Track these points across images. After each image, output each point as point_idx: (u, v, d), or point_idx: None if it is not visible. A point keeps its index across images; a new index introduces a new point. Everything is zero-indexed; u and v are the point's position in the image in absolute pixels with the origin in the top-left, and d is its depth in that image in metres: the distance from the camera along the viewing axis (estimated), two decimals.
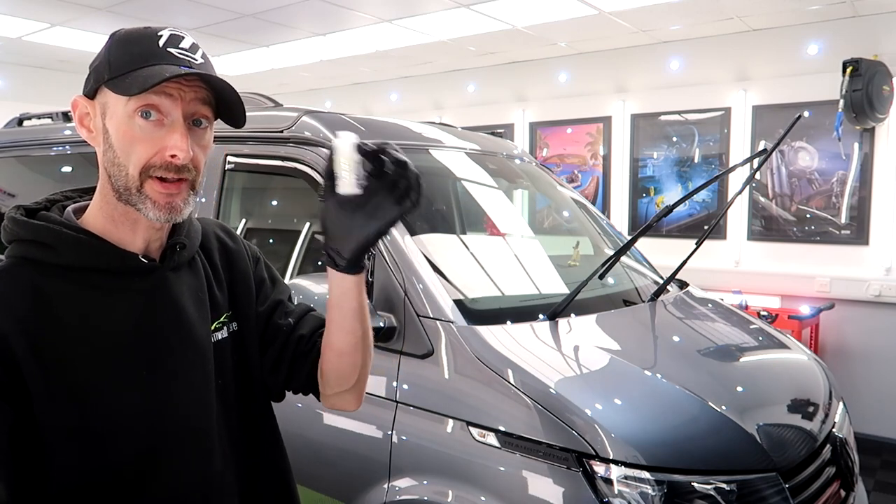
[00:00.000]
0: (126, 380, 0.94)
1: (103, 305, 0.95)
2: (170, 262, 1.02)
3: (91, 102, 0.97)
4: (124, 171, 0.93)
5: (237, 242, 1.19)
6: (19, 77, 6.77)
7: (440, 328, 1.90)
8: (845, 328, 4.77)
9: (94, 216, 0.98)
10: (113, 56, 0.94)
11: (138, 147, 0.92)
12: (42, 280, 0.92)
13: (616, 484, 1.61)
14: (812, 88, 4.73)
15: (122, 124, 0.92)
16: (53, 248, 0.94)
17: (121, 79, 0.92)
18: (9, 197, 3.66)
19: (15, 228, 0.96)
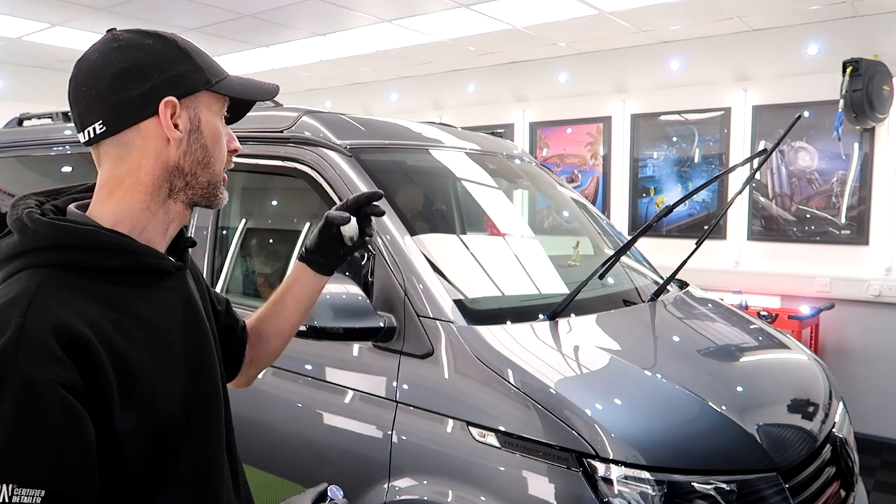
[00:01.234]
0: (172, 377, 0.97)
1: (150, 305, 0.96)
2: (187, 261, 1.08)
3: (179, 103, 0.97)
4: (211, 169, 1.01)
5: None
6: (19, 77, 6.77)
7: (440, 328, 1.90)
8: (845, 328, 4.77)
9: (128, 216, 0.97)
10: (204, 63, 1.01)
11: (222, 145, 1.03)
12: (90, 285, 0.90)
13: (616, 484, 1.61)
14: (812, 88, 4.73)
15: (214, 124, 1.01)
16: (98, 252, 0.91)
17: (224, 83, 1.02)
18: (9, 197, 3.66)
19: (48, 233, 0.90)
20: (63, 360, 0.80)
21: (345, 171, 2.19)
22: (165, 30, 1.02)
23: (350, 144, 2.28)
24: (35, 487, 0.76)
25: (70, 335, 0.82)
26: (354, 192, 2.15)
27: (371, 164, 2.26)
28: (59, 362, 0.80)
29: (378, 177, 2.23)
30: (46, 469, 0.77)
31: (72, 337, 0.82)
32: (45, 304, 0.83)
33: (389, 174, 2.38)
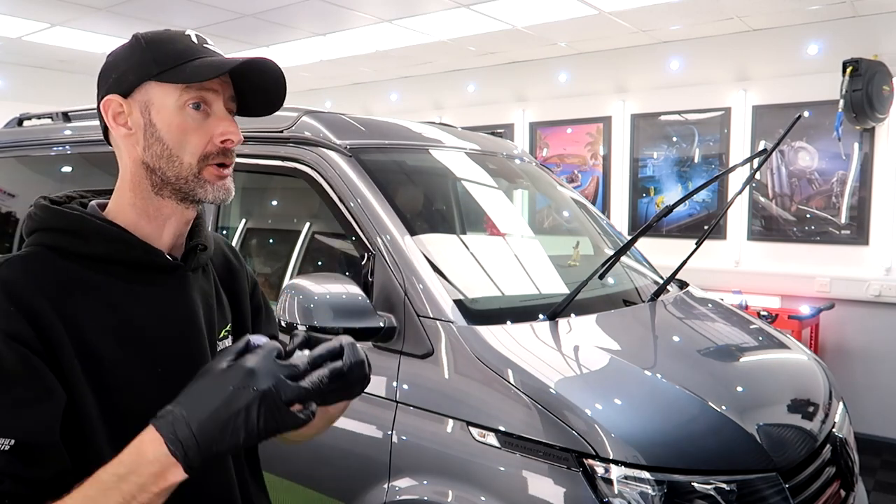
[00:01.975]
0: (144, 374, 0.96)
1: (129, 298, 0.97)
2: (192, 263, 1.05)
3: (126, 101, 0.98)
4: (177, 162, 0.97)
5: (241, 263, 1.23)
6: (19, 77, 6.77)
7: (440, 328, 1.90)
8: (845, 328, 4.77)
9: (122, 212, 1.00)
10: (155, 53, 0.97)
11: (192, 137, 0.97)
12: (69, 266, 0.94)
13: (616, 484, 1.61)
14: (812, 88, 4.73)
15: (174, 116, 0.96)
16: (83, 238, 0.96)
17: (174, 71, 0.95)
18: (9, 197, 3.66)
19: (43, 216, 0.98)
20: (14, 315, 0.85)
21: (345, 171, 2.19)
22: (183, 29, 1.01)
23: (350, 144, 2.28)
24: (4, 437, 0.81)
25: (22, 298, 0.87)
26: (355, 192, 2.15)
27: (371, 164, 2.26)
28: (9, 316, 0.85)
29: (378, 177, 2.23)
30: (10, 417, 0.82)
31: (23, 300, 0.87)
32: (10, 271, 0.90)
33: (389, 174, 2.38)
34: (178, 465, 0.78)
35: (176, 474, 0.78)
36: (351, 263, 2.16)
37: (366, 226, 2.09)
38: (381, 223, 2.08)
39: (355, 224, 2.11)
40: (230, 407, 0.78)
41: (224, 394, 0.79)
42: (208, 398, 0.79)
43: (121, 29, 5.32)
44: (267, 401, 0.78)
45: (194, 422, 0.78)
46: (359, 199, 2.13)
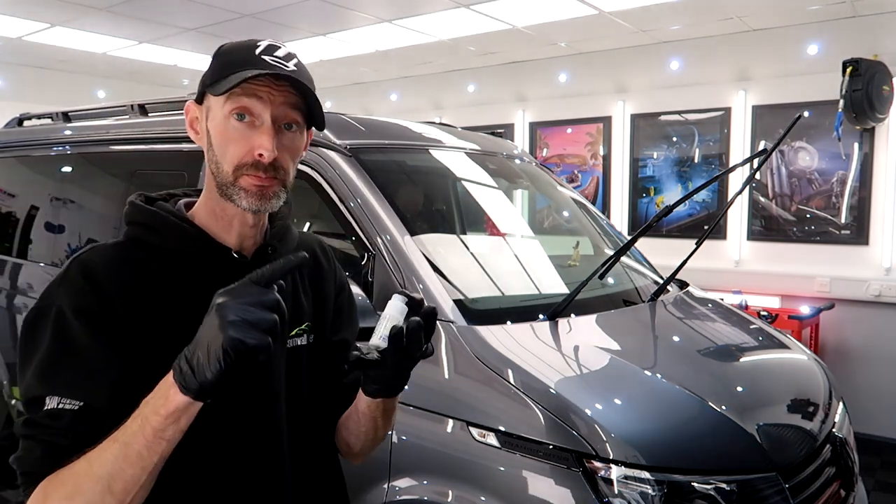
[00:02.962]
0: None
1: (192, 289, 1.02)
2: (258, 262, 1.07)
3: (199, 107, 1.08)
4: (221, 168, 1.02)
5: (331, 263, 1.27)
6: (19, 77, 6.77)
7: (440, 328, 1.90)
8: (845, 328, 4.77)
9: (200, 210, 1.09)
10: (216, 64, 1.04)
11: (231, 146, 1.01)
12: (146, 258, 1.04)
13: (616, 484, 1.61)
14: (812, 88, 4.72)
15: (219, 125, 1.02)
16: (157, 232, 1.05)
17: (216, 82, 1.02)
18: (9, 197, 3.66)
19: (133, 211, 1.08)
20: (87, 293, 0.96)
21: (345, 171, 2.19)
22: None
23: (350, 144, 2.28)
24: (75, 399, 0.92)
25: (97, 279, 0.98)
26: (355, 192, 2.15)
27: (371, 164, 2.26)
28: (83, 293, 0.97)
29: (378, 177, 2.23)
30: (79, 382, 0.93)
31: (98, 281, 0.98)
32: (93, 254, 1.02)
33: (389, 174, 2.38)
34: (176, 388, 0.84)
35: (176, 395, 0.84)
36: (351, 263, 2.16)
37: (366, 226, 2.09)
38: (381, 223, 2.08)
39: (355, 224, 2.11)
40: (205, 329, 0.84)
41: (206, 321, 0.85)
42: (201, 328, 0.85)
43: (121, 29, 5.32)
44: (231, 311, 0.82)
45: (190, 348, 0.85)
46: (359, 199, 2.13)
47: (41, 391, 0.93)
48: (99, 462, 0.87)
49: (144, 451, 0.85)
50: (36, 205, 3.46)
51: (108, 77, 7.23)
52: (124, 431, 0.87)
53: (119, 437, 0.87)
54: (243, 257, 1.08)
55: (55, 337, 0.95)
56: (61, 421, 0.91)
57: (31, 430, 0.93)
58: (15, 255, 3.45)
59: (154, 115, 3.02)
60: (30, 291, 3.37)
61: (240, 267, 1.06)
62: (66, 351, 0.94)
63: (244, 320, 0.81)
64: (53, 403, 0.92)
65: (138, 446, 0.85)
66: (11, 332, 3.40)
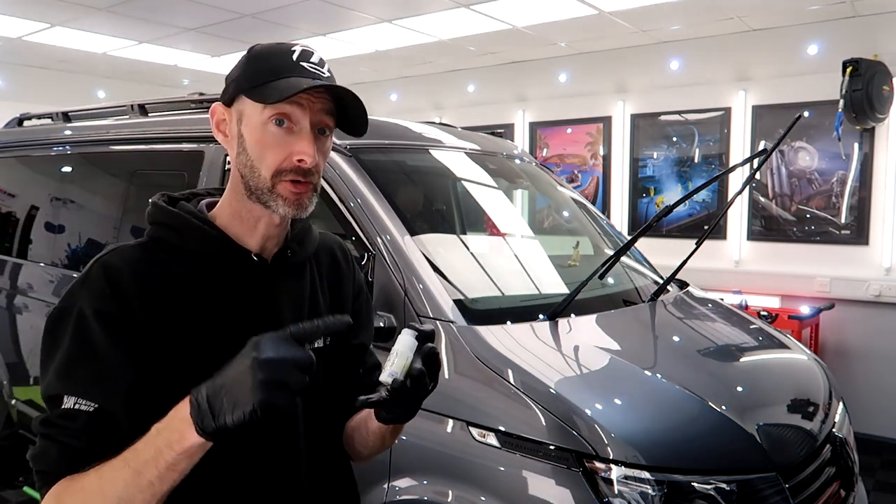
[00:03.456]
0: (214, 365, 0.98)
1: (209, 292, 1.04)
2: (278, 265, 1.10)
3: (228, 110, 1.07)
4: (257, 174, 1.02)
5: (349, 265, 1.28)
6: (19, 77, 6.77)
7: (440, 328, 1.90)
8: (845, 328, 4.77)
9: (222, 211, 1.09)
10: (252, 68, 1.03)
11: (270, 152, 1.01)
12: (167, 259, 1.04)
13: (616, 484, 1.61)
14: (812, 88, 4.72)
15: (256, 131, 1.02)
16: (179, 233, 1.06)
17: (260, 88, 1.01)
18: (9, 197, 3.66)
19: (155, 212, 1.09)
20: (108, 296, 0.97)
21: (345, 171, 2.19)
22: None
23: (350, 144, 2.28)
24: (91, 400, 0.93)
25: (117, 282, 0.98)
26: (355, 192, 2.15)
27: (371, 164, 2.26)
28: (103, 296, 0.97)
29: (378, 177, 2.23)
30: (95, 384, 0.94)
31: (119, 284, 0.98)
32: (114, 257, 1.02)
33: (389, 174, 2.38)
34: (192, 427, 0.83)
35: (191, 436, 0.84)
36: None
37: (366, 226, 2.09)
38: (381, 223, 2.08)
39: (355, 224, 2.11)
40: (234, 376, 0.83)
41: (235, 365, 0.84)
42: (227, 369, 0.85)
43: (121, 29, 5.32)
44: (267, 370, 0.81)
45: (211, 388, 0.84)
46: (359, 199, 2.13)
47: (60, 390, 0.95)
48: (111, 484, 0.88)
49: (156, 482, 0.86)
50: (36, 205, 3.46)
51: (108, 77, 7.23)
52: (136, 457, 0.87)
53: (131, 462, 0.87)
54: (263, 260, 1.09)
55: (75, 338, 0.96)
56: (76, 422, 0.92)
57: (48, 430, 0.94)
58: (15, 255, 3.46)
59: (154, 115, 3.02)
60: (30, 291, 3.37)
61: (259, 270, 1.08)
62: (84, 352, 0.96)
63: (278, 381, 0.81)
64: (70, 403, 0.93)
65: (150, 476, 0.86)
66: (11, 332, 3.40)
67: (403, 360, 0.98)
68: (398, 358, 0.98)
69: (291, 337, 0.85)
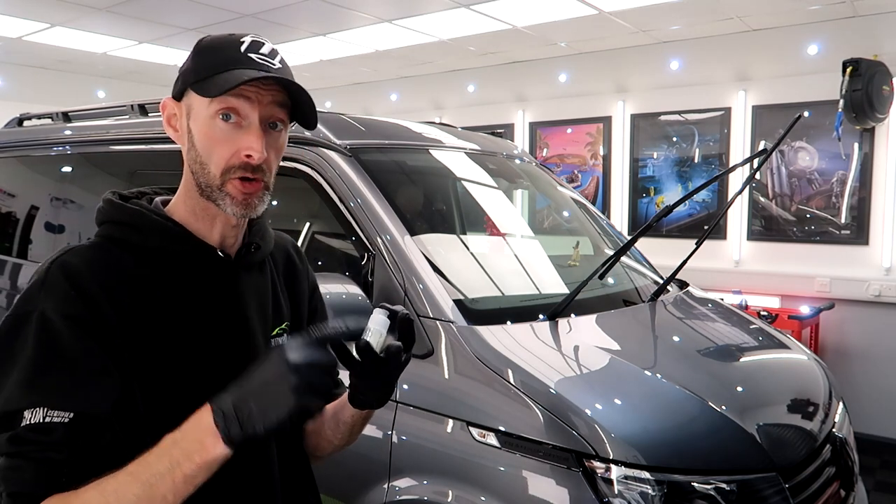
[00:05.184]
0: (187, 364, 0.99)
1: (175, 289, 1.01)
2: (243, 260, 1.08)
3: (178, 104, 1.03)
4: (206, 170, 0.99)
5: (303, 263, 1.26)
6: (19, 77, 6.77)
7: (440, 328, 1.90)
8: (845, 328, 4.77)
9: (178, 208, 1.05)
10: (198, 61, 1.00)
11: (218, 148, 0.98)
12: (125, 258, 0.99)
13: (616, 484, 1.61)
14: (812, 88, 4.73)
15: (203, 126, 0.98)
16: (139, 230, 1.01)
17: (204, 82, 0.97)
18: (9, 197, 3.66)
19: (110, 210, 1.04)
20: (73, 298, 0.91)
21: (345, 171, 2.19)
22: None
23: (350, 144, 2.28)
24: (64, 410, 0.86)
25: (80, 282, 0.93)
26: (355, 192, 2.15)
27: (371, 164, 2.26)
28: (68, 299, 0.91)
29: (378, 177, 2.23)
30: (70, 393, 0.88)
31: (82, 285, 0.93)
32: (72, 257, 0.96)
33: (389, 174, 2.38)
34: (219, 437, 0.81)
35: (216, 446, 0.82)
36: (351, 263, 2.16)
37: (366, 226, 2.09)
38: (381, 223, 2.08)
39: (355, 224, 2.11)
40: (266, 381, 0.83)
41: (263, 371, 0.84)
42: (252, 377, 0.84)
43: (121, 29, 5.32)
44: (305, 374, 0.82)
45: (237, 397, 0.83)
46: (359, 199, 2.13)
47: (24, 404, 0.86)
48: (117, 498, 0.82)
49: (170, 496, 0.82)
50: (36, 205, 3.46)
51: (108, 77, 7.23)
52: (148, 470, 0.82)
53: (141, 475, 0.82)
54: (227, 256, 1.06)
55: (39, 345, 0.88)
56: (52, 435, 0.85)
57: (17, 447, 0.85)
58: (15, 256, 3.45)
59: (154, 115, 3.02)
60: None
61: (224, 266, 1.05)
62: (56, 359, 0.88)
63: (311, 384, 0.82)
64: (39, 416, 0.85)
65: (164, 489, 0.82)
66: None
67: (378, 336, 0.96)
68: (372, 335, 0.96)
69: (316, 341, 0.85)
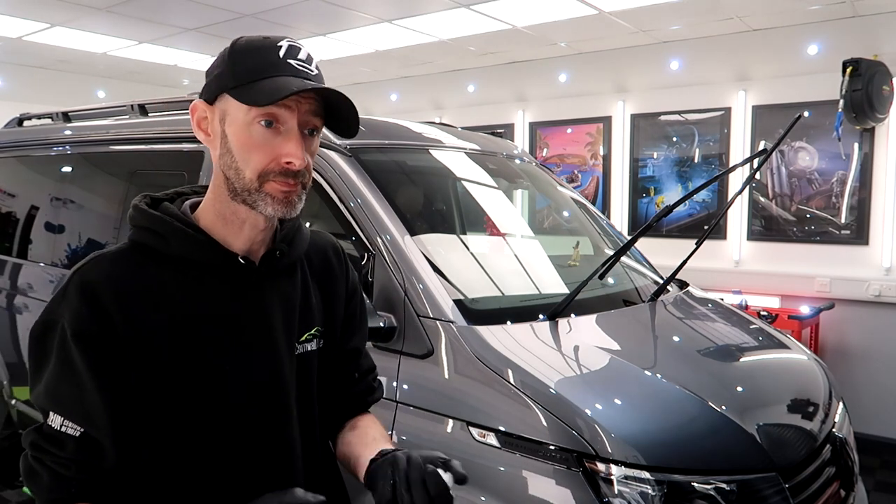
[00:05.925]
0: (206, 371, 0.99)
1: (196, 297, 1.01)
2: (267, 267, 1.06)
3: (210, 107, 1.02)
4: (242, 175, 0.98)
5: (342, 265, 1.24)
6: (19, 77, 6.77)
7: (440, 328, 1.90)
8: (845, 328, 4.77)
9: (206, 212, 1.05)
10: (236, 65, 0.98)
11: (256, 154, 0.97)
12: (149, 265, 1.01)
13: (616, 484, 1.61)
14: (812, 88, 4.72)
15: (241, 131, 0.98)
16: (163, 238, 1.01)
17: (246, 88, 0.96)
18: (9, 197, 3.66)
19: (137, 216, 1.05)
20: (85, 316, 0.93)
21: (345, 171, 2.19)
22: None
23: (350, 144, 2.28)
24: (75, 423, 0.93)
25: (96, 298, 0.94)
26: (355, 192, 2.15)
27: (371, 164, 2.26)
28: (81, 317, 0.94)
29: (378, 177, 2.22)
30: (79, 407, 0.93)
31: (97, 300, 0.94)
32: (92, 271, 0.98)
33: (389, 174, 2.38)
34: None
35: None
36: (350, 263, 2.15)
37: (366, 226, 2.09)
38: (381, 223, 2.08)
39: (355, 224, 2.11)
40: None
41: None
42: None
43: (121, 29, 5.32)
44: None
45: None
46: (359, 199, 2.13)
47: (49, 406, 0.95)
48: None
49: None
50: (36, 205, 3.46)
51: (108, 77, 7.23)
52: None
53: None
54: (251, 262, 1.05)
55: (59, 356, 0.95)
56: (65, 450, 0.93)
57: (37, 453, 0.95)
58: (15, 255, 3.45)
59: (154, 115, 3.02)
60: (30, 291, 3.37)
61: (247, 273, 1.04)
62: (66, 374, 0.94)
63: None
64: (57, 422, 0.93)
65: None
66: (11, 333, 3.40)
67: None
68: None
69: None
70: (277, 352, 1.06)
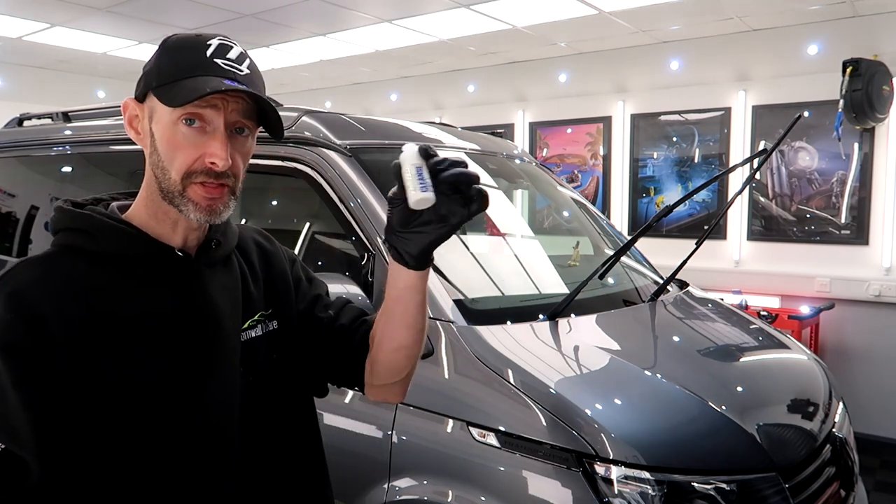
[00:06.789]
0: (154, 369, 0.96)
1: (135, 294, 0.98)
2: (204, 258, 1.05)
3: (140, 105, 1.00)
4: (168, 175, 0.96)
5: (273, 245, 1.24)
6: (19, 77, 6.77)
7: (440, 328, 1.90)
8: (845, 328, 4.77)
9: (138, 211, 1.02)
10: (162, 63, 0.97)
11: (180, 153, 0.95)
12: (81, 267, 0.96)
13: (616, 484, 1.61)
14: (812, 88, 4.72)
15: (166, 130, 0.96)
16: (93, 236, 0.98)
17: (167, 87, 0.95)
18: (9, 197, 3.66)
19: (61, 217, 1.01)
20: (14, 325, 0.88)
21: (345, 171, 2.19)
22: (183, 31, 1.01)
23: (350, 144, 2.28)
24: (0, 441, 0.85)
25: (27, 305, 0.89)
26: (355, 192, 2.15)
27: (371, 164, 2.26)
28: (8, 327, 0.88)
29: (378, 177, 2.22)
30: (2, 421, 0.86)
31: (29, 308, 0.89)
32: (21, 277, 0.93)
33: (389, 174, 2.37)
34: None
35: None
36: (351, 263, 2.16)
37: (366, 226, 2.09)
38: (381, 223, 2.08)
39: (355, 224, 2.11)
40: None
41: None
42: None
43: (121, 29, 5.32)
44: None
45: None
46: (359, 199, 2.13)
47: None
48: None
49: None
50: (36, 205, 3.45)
51: (108, 77, 7.23)
52: None
53: None
54: (187, 254, 1.03)
55: None
56: None
57: None
58: (15, 256, 3.45)
59: None
60: None
61: (185, 265, 1.02)
62: None
63: None
64: None
65: None
66: None
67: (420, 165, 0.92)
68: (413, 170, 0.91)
69: None
70: (226, 342, 1.03)
